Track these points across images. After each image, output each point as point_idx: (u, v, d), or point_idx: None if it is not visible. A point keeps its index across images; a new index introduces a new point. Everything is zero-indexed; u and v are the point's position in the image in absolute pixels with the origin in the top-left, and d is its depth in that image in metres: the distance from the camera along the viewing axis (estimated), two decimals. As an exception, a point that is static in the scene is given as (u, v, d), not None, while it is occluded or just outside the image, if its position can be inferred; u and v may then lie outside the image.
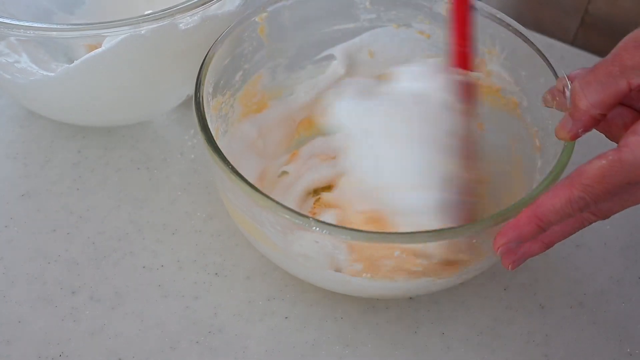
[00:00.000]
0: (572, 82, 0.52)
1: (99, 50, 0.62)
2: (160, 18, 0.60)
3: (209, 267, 0.62)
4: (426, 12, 0.66)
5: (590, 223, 0.51)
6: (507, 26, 0.62)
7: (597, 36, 0.84)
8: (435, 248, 0.52)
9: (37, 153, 0.70)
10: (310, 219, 0.50)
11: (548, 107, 0.55)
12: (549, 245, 0.52)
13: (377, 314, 0.60)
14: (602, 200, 0.48)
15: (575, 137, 0.52)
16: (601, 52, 0.81)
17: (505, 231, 0.50)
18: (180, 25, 0.63)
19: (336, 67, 0.68)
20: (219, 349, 0.57)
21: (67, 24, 0.62)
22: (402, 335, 0.59)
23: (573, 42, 0.85)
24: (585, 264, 0.64)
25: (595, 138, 0.54)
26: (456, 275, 0.55)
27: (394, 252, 0.52)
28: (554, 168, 0.53)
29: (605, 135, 0.53)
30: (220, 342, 0.58)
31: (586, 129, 0.51)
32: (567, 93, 0.53)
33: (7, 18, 0.60)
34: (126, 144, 0.71)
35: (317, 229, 0.50)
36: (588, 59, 0.80)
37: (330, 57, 0.69)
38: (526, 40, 0.61)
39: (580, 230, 0.52)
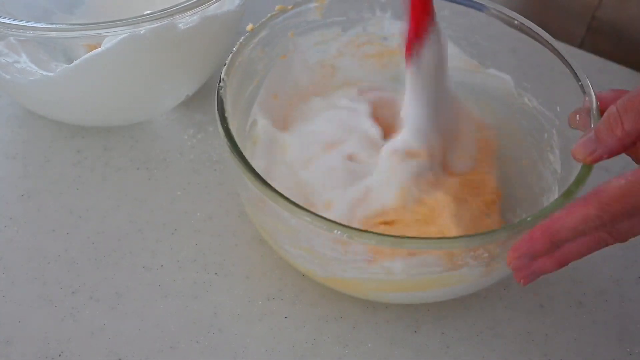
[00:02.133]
0: (598, 101, 0.52)
1: (99, 50, 0.62)
2: (160, 18, 0.60)
3: (208, 267, 0.62)
4: None
5: (607, 245, 0.50)
6: (521, 28, 0.63)
7: (604, 42, 0.84)
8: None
9: (36, 153, 0.70)
10: (332, 222, 0.49)
11: (573, 128, 0.55)
12: (562, 264, 0.51)
13: (377, 313, 0.60)
14: (619, 220, 0.47)
15: (597, 160, 0.51)
16: (608, 58, 0.80)
17: (518, 245, 0.50)
18: (180, 25, 0.63)
19: None
20: (219, 349, 0.57)
21: (67, 24, 0.62)
22: (402, 335, 0.59)
23: (580, 48, 0.85)
24: (585, 264, 0.63)
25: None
26: (489, 277, 0.55)
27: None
28: (576, 179, 0.52)
29: (632, 159, 0.53)
30: (220, 341, 0.58)
31: (612, 155, 0.50)
32: (594, 113, 0.53)
33: (6, 18, 0.60)
34: (126, 144, 0.71)
35: (339, 232, 0.49)
36: (593, 60, 0.80)
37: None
38: (547, 45, 0.61)
39: None
